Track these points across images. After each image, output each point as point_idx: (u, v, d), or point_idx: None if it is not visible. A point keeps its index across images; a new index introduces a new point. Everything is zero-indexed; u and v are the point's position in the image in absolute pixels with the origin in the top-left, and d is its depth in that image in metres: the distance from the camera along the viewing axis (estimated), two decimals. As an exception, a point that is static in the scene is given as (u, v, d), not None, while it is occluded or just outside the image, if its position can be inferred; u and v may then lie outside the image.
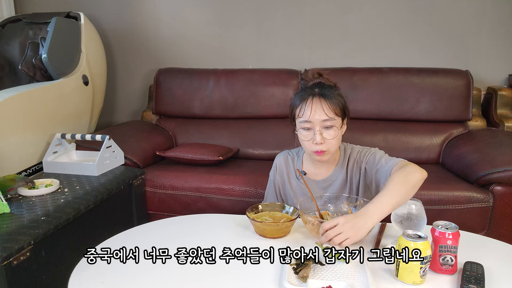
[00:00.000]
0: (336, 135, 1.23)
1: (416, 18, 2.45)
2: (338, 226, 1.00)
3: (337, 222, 1.00)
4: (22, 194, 1.54)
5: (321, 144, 1.22)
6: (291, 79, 2.40)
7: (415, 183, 1.11)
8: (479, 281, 0.89)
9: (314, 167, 1.37)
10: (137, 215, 1.89)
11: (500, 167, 1.69)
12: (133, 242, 1.14)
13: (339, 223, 1.00)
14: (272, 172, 1.45)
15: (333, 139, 1.23)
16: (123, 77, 2.89)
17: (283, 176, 1.41)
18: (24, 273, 1.19)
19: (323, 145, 1.22)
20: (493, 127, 2.31)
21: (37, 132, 1.96)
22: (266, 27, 2.62)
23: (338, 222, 1.00)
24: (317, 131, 1.22)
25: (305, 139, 1.25)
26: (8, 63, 2.35)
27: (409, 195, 1.09)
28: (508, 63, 2.44)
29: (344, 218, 1.01)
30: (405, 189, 1.08)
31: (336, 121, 1.23)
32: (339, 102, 1.25)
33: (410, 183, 1.10)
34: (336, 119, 1.23)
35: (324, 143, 1.22)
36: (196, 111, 2.49)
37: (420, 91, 2.24)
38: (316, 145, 1.22)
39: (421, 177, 1.13)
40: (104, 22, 2.79)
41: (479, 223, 1.72)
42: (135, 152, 2.06)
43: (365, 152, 1.32)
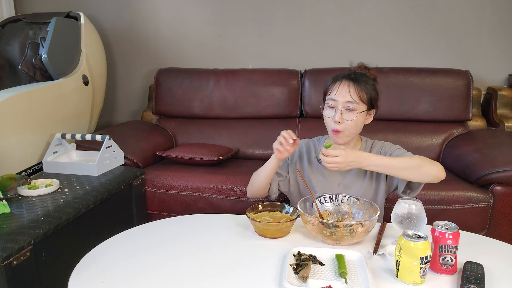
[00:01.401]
0: (355, 119, 1.28)
1: (416, 18, 2.45)
2: (338, 158, 1.19)
3: (339, 154, 1.19)
4: (22, 194, 1.53)
5: (339, 123, 1.29)
6: (291, 79, 2.40)
7: (425, 170, 1.23)
8: (479, 281, 0.89)
9: None
10: (137, 215, 1.89)
11: (500, 167, 1.69)
12: (133, 242, 1.15)
13: (340, 157, 1.19)
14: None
15: (352, 121, 1.28)
16: (123, 77, 2.89)
17: (303, 156, 1.45)
18: (24, 273, 1.19)
19: (341, 125, 1.29)
20: (493, 127, 2.31)
21: (37, 132, 1.96)
22: (266, 27, 2.62)
23: (340, 155, 1.19)
24: (338, 109, 1.29)
25: (327, 116, 1.32)
26: (8, 63, 2.34)
27: (411, 175, 1.22)
28: (508, 63, 2.44)
29: (345, 156, 1.19)
30: (408, 167, 1.23)
31: (359, 106, 1.29)
32: (368, 91, 1.30)
33: (421, 167, 1.23)
34: (360, 104, 1.29)
35: (342, 124, 1.28)
36: (196, 111, 2.49)
37: (420, 91, 2.24)
38: (335, 123, 1.29)
39: (435, 172, 1.24)
40: (104, 22, 2.79)
41: (479, 223, 1.72)
42: (135, 152, 2.06)
43: (390, 146, 1.37)
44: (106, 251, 1.09)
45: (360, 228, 1.08)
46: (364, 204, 1.22)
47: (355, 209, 1.24)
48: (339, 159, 1.19)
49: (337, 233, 1.08)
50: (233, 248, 1.10)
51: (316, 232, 1.11)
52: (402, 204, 1.10)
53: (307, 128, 2.33)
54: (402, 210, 1.09)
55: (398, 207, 1.11)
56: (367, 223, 1.08)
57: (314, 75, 2.39)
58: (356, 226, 1.08)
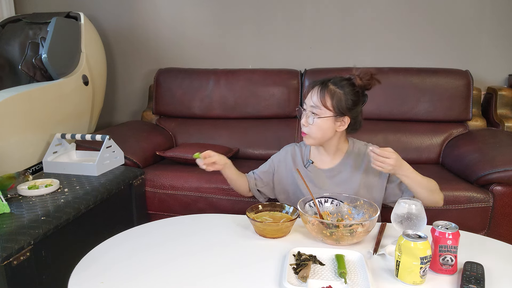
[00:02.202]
0: (317, 124, 1.31)
1: (416, 18, 2.45)
2: (391, 161, 1.19)
3: (393, 157, 1.19)
4: (22, 194, 1.53)
5: (303, 126, 1.35)
6: (291, 79, 2.40)
7: (435, 196, 1.29)
8: (479, 281, 0.89)
9: (320, 156, 1.42)
10: (137, 215, 1.89)
11: (500, 167, 1.69)
12: (133, 242, 1.15)
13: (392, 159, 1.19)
14: (276, 156, 1.52)
15: (314, 126, 1.32)
16: (123, 77, 2.89)
17: (288, 164, 1.47)
18: (24, 273, 1.19)
19: (306, 128, 1.34)
20: (493, 127, 2.31)
21: (37, 132, 1.96)
22: (266, 27, 2.62)
23: (393, 158, 1.19)
24: (305, 113, 1.35)
25: (300, 119, 1.38)
26: (8, 63, 2.34)
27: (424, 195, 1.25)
28: (508, 63, 2.44)
29: (396, 160, 1.20)
30: (427, 188, 1.26)
31: (321, 111, 1.31)
32: (337, 98, 1.30)
33: (434, 192, 1.28)
34: (322, 109, 1.31)
35: (307, 127, 1.34)
36: (196, 111, 2.49)
37: (420, 91, 2.24)
38: (302, 125, 1.36)
39: (439, 199, 1.31)
40: (104, 22, 2.79)
41: (479, 223, 1.72)
42: (135, 152, 2.06)
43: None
44: (106, 251, 1.09)
45: (360, 228, 1.08)
46: (364, 204, 1.22)
47: (355, 209, 1.24)
48: (392, 161, 1.19)
49: (337, 233, 1.08)
50: (233, 248, 1.10)
51: (316, 232, 1.11)
52: (402, 204, 1.10)
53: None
54: (402, 210, 1.09)
55: (398, 207, 1.11)
56: (367, 223, 1.08)
57: (314, 75, 2.39)
58: (356, 226, 1.08)
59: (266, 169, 1.51)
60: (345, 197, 1.28)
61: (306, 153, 1.46)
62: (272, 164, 1.51)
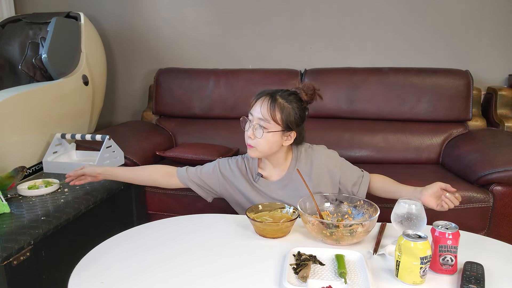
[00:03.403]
0: (264, 138, 1.28)
1: (416, 18, 2.45)
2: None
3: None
4: (22, 194, 1.54)
5: (249, 138, 1.31)
6: (291, 79, 2.40)
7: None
8: (479, 281, 0.89)
9: (267, 169, 1.41)
10: (137, 215, 1.89)
11: (500, 167, 1.69)
12: (133, 242, 1.15)
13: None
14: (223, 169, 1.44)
15: (261, 139, 1.29)
16: (123, 77, 2.89)
17: (237, 177, 1.42)
18: (24, 273, 1.19)
19: (251, 140, 1.31)
20: (493, 127, 2.31)
21: (37, 132, 1.96)
22: (266, 27, 2.62)
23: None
24: (252, 125, 1.31)
25: (244, 129, 1.35)
26: (8, 63, 2.34)
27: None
28: (508, 63, 2.44)
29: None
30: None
31: (270, 125, 1.28)
32: (287, 113, 1.29)
33: None
34: (271, 123, 1.28)
35: (254, 139, 1.30)
36: (196, 111, 2.49)
37: (420, 91, 2.24)
38: (249, 137, 1.31)
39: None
40: (104, 22, 2.79)
41: (479, 223, 1.72)
42: (135, 152, 2.06)
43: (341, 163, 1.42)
44: (106, 251, 1.09)
45: (360, 228, 1.08)
46: (364, 204, 1.22)
47: (355, 209, 1.24)
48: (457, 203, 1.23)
49: (337, 233, 1.08)
50: (233, 248, 1.10)
51: (316, 232, 1.11)
52: (402, 204, 1.10)
53: (306, 128, 2.31)
54: (402, 210, 1.09)
55: (398, 207, 1.11)
56: (367, 223, 1.08)
57: (314, 75, 2.39)
58: (356, 226, 1.08)
59: (211, 172, 1.44)
60: (345, 197, 1.28)
61: (254, 166, 1.42)
62: (219, 175, 1.44)
